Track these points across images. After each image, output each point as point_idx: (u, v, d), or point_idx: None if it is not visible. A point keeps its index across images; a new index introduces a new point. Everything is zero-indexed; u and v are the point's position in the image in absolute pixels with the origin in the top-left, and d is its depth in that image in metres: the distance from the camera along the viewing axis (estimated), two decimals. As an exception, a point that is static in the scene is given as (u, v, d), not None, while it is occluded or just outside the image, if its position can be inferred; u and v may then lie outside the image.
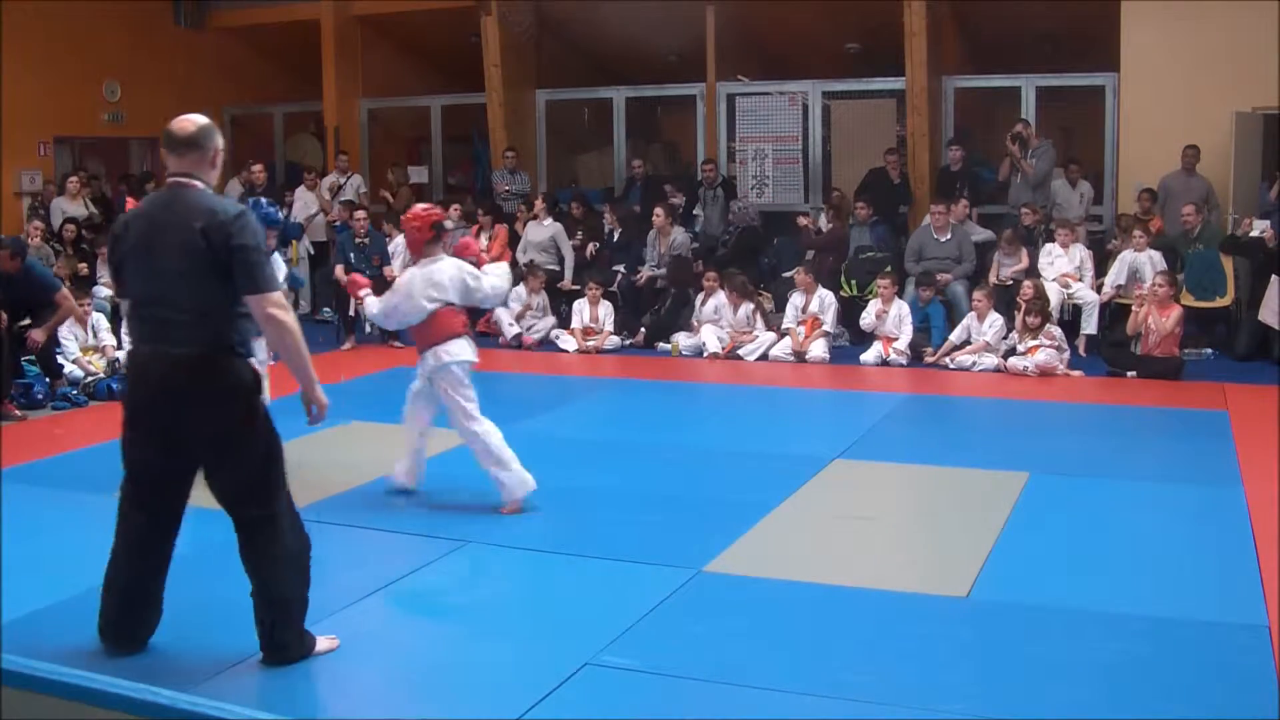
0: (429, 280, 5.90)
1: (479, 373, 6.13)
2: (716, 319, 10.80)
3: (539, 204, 12.46)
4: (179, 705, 1.65)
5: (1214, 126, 11.05)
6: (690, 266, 11.63)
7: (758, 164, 13.34)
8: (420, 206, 6.28)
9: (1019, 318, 9.83)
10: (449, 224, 7.35)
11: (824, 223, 12.17)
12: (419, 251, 6.01)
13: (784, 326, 10.70)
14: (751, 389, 9.60)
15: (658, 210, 11.90)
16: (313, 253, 13.42)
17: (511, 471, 5.87)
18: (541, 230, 12.31)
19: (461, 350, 5.91)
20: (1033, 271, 10.67)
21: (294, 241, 13.31)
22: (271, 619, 4.07)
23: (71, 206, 12.57)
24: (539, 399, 9.12)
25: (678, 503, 6.12)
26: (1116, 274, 10.49)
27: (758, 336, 10.63)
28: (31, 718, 1.72)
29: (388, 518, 5.91)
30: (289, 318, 3.98)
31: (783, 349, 10.51)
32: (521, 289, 11.39)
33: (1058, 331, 9.86)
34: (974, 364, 9.85)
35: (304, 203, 13.51)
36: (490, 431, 5.87)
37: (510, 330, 11.25)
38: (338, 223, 12.89)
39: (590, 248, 12.37)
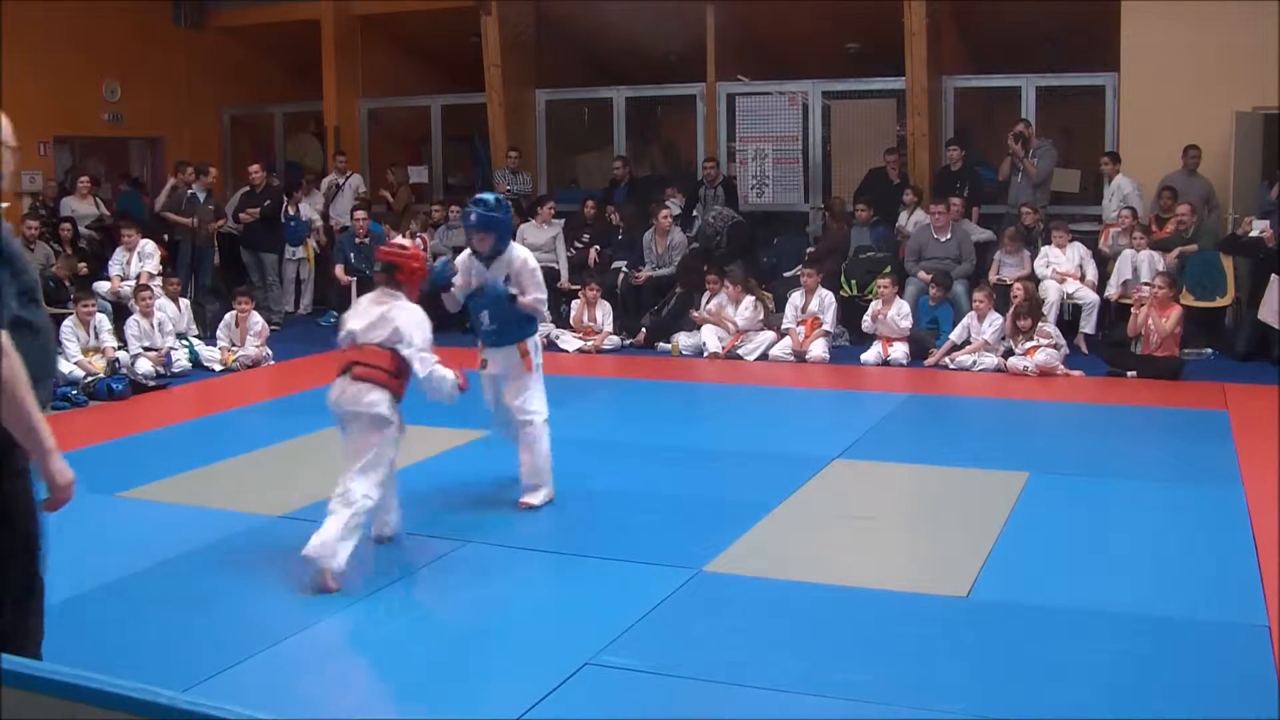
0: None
1: (477, 372, 6.13)
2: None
3: (546, 210, 12.35)
4: (179, 705, 1.64)
5: (1214, 126, 11.05)
6: (700, 265, 11.59)
7: (758, 164, 13.33)
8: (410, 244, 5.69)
9: (1008, 320, 9.83)
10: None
11: (816, 225, 12.19)
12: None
13: (784, 326, 10.70)
14: (751, 389, 9.59)
15: (665, 212, 11.87)
16: (318, 252, 13.42)
17: None
18: (542, 233, 12.25)
19: None
20: (1032, 274, 10.67)
21: (306, 241, 13.33)
22: None
23: (81, 206, 12.55)
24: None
25: (678, 503, 6.12)
26: (1120, 273, 10.49)
27: (760, 333, 10.62)
28: (31, 718, 1.71)
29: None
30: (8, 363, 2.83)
31: (783, 349, 10.51)
32: None
33: (1053, 330, 9.86)
34: (974, 364, 9.84)
35: (309, 205, 13.51)
36: None
37: None
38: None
39: (592, 254, 12.33)
